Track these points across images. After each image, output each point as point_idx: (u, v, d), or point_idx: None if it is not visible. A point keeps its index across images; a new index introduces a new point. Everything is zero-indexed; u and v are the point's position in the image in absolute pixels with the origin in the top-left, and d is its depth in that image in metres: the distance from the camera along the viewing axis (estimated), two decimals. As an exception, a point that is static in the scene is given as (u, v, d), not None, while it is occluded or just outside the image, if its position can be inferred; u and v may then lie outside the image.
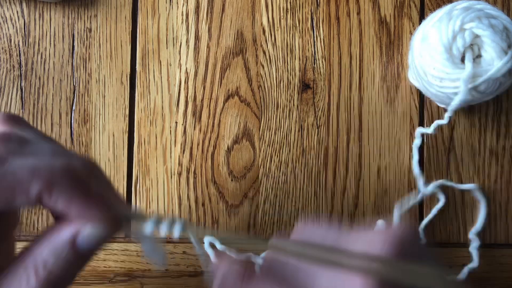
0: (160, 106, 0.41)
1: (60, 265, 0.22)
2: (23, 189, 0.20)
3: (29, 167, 0.21)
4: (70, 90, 0.41)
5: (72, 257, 0.22)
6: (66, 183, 0.21)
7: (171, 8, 0.42)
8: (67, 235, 0.22)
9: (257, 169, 0.41)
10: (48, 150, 0.23)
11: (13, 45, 0.41)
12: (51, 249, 0.22)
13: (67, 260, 0.22)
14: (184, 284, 0.39)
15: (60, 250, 0.22)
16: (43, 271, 0.22)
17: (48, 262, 0.22)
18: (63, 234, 0.22)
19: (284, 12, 0.42)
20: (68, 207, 0.22)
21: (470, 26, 0.35)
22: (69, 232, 0.22)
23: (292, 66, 0.41)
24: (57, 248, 0.22)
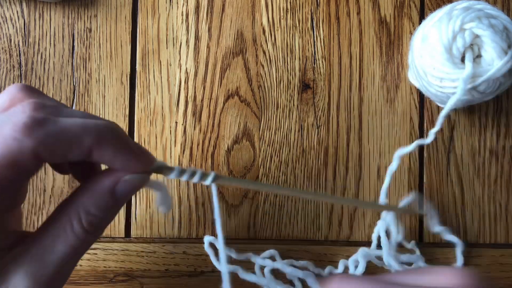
0: (160, 106, 0.41)
1: (101, 212, 0.25)
2: (77, 143, 0.23)
3: (79, 124, 0.23)
4: (70, 90, 0.41)
5: (111, 203, 0.25)
6: (112, 138, 0.24)
7: (171, 8, 0.42)
8: (108, 184, 0.25)
9: (257, 169, 0.41)
10: (82, 113, 0.25)
11: (13, 45, 0.41)
12: (93, 198, 0.25)
13: (107, 206, 0.25)
14: (184, 284, 0.39)
15: (101, 198, 0.25)
16: (86, 218, 0.24)
17: (90, 210, 0.25)
18: (104, 183, 0.25)
19: (284, 12, 0.42)
20: (114, 159, 0.24)
21: (470, 26, 0.35)
22: (110, 181, 0.25)
23: (292, 66, 0.41)
24: (99, 196, 0.25)
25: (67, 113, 0.24)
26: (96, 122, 0.24)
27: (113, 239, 0.40)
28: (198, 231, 0.40)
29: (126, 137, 0.25)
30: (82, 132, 0.23)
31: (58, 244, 0.24)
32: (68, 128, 0.23)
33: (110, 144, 0.24)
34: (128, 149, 0.24)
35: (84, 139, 0.23)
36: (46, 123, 0.22)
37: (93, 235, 0.25)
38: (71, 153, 0.23)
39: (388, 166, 0.39)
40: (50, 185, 0.40)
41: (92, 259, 0.39)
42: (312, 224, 0.40)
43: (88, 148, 0.23)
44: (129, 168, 0.25)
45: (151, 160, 0.26)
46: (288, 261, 0.39)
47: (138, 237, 0.40)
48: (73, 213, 0.24)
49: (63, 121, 0.23)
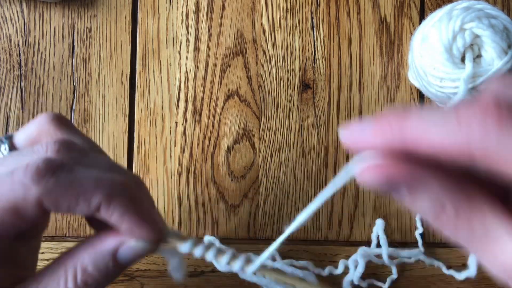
0: (160, 106, 0.41)
1: (99, 272, 0.23)
2: (86, 198, 0.21)
3: (93, 178, 0.22)
4: (70, 90, 0.41)
5: (111, 267, 0.23)
6: (123, 199, 0.22)
7: (171, 8, 0.42)
8: (111, 245, 0.23)
9: (257, 169, 0.41)
10: (104, 163, 0.24)
11: (13, 45, 0.41)
12: (93, 257, 0.23)
13: (106, 269, 0.23)
14: (183, 284, 0.39)
15: (101, 259, 0.23)
16: (82, 276, 0.23)
17: (88, 268, 0.23)
18: (106, 244, 0.23)
19: (284, 12, 0.42)
20: (121, 221, 0.22)
21: (470, 26, 0.35)
22: (113, 243, 0.23)
23: (292, 66, 0.41)
24: (99, 256, 0.23)
25: (90, 160, 0.23)
26: (113, 178, 0.22)
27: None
28: (198, 231, 0.40)
29: (140, 200, 0.23)
30: (93, 188, 0.22)
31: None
32: (79, 181, 0.21)
33: (119, 205, 0.22)
34: (137, 214, 0.23)
35: (93, 196, 0.22)
36: (59, 171, 0.21)
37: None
38: (77, 208, 0.22)
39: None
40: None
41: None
42: (312, 224, 0.40)
43: (96, 206, 0.22)
44: (134, 234, 0.23)
45: (160, 231, 0.24)
46: (288, 261, 0.39)
47: (138, 237, 0.40)
48: (69, 267, 0.23)
49: (79, 172, 0.22)
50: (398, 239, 0.40)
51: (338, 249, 0.40)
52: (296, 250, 0.40)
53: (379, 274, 0.39)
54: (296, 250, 0.40)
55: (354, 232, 0.40)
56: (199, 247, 0.24)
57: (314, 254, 0.40)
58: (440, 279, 0.40)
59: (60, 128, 0.25)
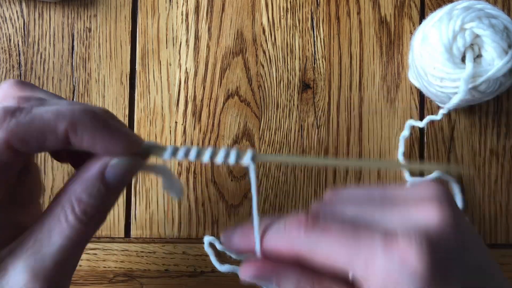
0: (160, 106, 0.41)
1: (94, 199, 0.24)
2: (50, 129, 0.22)
3: (53, 111, 0.23)
4: (69, 90, 0.41)
5: (103, 190, 0.24)
6: (88, 121, 0.23)
7: (171, 7, 0.42)
8: (96, 169, 0.24)
9: (257, 169, 0.41)
10: (66, 102, 0.25)
11: (12, 45, 0.41)
12: (83, 185, 0.24)
13: (99, 193, 0.24)
14: (184, 284, 0.39)
15: (91, 185, 0.24)
16: (79, 207, 0.24)
17: (82, 198, 0.24)
18: (92, 169, 0.24)
19: (284, 11, 0.42)
20: (93, 143, 0.23)
21: (470, 26, 0.35)
22: (97, 167, 0.24)
23: (292, 66, 0.41)
24: (89, 183, 0.24)
25: (51, 103, 0.24)
26: (73, 107, 0.23)
27: (113, 239, 0.40)
28: (198, 231, 0.40)
29: (106, 120, 0.24)
30: (54, 119, 0.22)
31: (54, 236, 0.23)
32: (40, 115, 0.22)
33: (86, 128, 0.23)
34: (106, 132, 0.23)
35: (57, 125, 0.22)
36: (18, 113, 0.22)
37: (89, 225, 0.24)
38: (45, 141, 0.22)
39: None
40: (50, 185, 0.40)
41: (91, 259, 0.39)
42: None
43: (63, 134, 0.22)
44: (111, 152, 0.24)
45: (135, 142, 0.25)
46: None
47: (138, 237, 0.40)
48: (66, 203, 0.24)
49: (37, 110, 0.22)
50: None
51: (338, 249, 0.40)
52: (296, 250, 0.40)
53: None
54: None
55: (354, 232, 0.40)
56: (181, 150, 0.25)
57: (314, 254, 0.40)
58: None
59: (23, 89, 0.26)
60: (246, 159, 0.26)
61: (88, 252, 0.39)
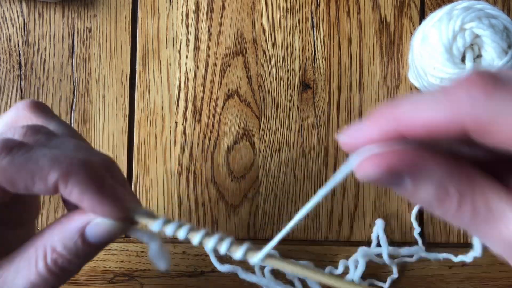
0: (160, 106, 0.41)
1: (68, 252, 0.23)
2: (41, 176, 0.21)
3: (50, 156, 0.21)
4: (70, 90, 0.41)
5: (80, 246, 0.23)
6: (81, 176, 0.22)
7: (171, 8, 0.42)
8: (77, 224, 0.23)
9: (257, 169, 0.41)
10: (72, 145, 0.24)
11: (12, 45, 0.41)
12: (61, 236, 0.23)
13: (76, 247, 0.23)
14: (183, 284, 0.39)
15: (69, 238, 0.23)
16: (51, 255, 0.23)
17: (57, 248, 0.23)
18: (73, 222, 0.23)
19: (284, 12, 0.42)
20: (81, 199, 0.22)
21: (470, 26, 0.35)
22: (80, 222, 0.23)
23: (292, 66, 0.41)
24: (66, 235, 0.23)
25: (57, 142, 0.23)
26: (71, 156, 0.22)
27: (113, 239, 0.40)
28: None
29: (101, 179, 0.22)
30: (48, 166, 0.21)
31: (19, 278, 0.22)
32: (35, 159, 0.21)
33: (77, 184, 0.21)
34: (98, 191, 0.22)
35: (49, 174, 0.21)
36: (15, 150, 0.21)
37: (58, 276, 0.23)
38: (34, 187, 0.21)
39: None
40: (50, 185, 0.40)
41: (91, 259, 0.39)
42: (312, 224, 0.40)
43: (53, 184, 0.21)
44: (96, 212, 0.22)
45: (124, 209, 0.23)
46: (288, 261, 0.39)
47: (138, 237, 0.40)
48: (39, 247, 0.23)
49: (37, 151, 0.21)
50: (398, 239, 0.40)
51: (338, 249, 0.40)
52: (296, 250, 0.40)
53: (379, 274, 0.39)
54: (296, 250, 0.40)
55: (354, 232, 0.40)
56: (171, 225, 0.24)
57: (314, 254, 0.40)
58: (440, 279, 0.40)
59: (36, 114, 0.25)
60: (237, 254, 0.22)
61: (88, 252, 0.39)
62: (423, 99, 0.17)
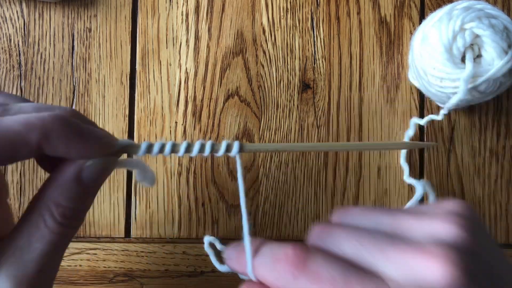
0: (160, 106, 0.41)
1: (71, 201, 0.24)
2: (22, 141, 0.21)
3: (22, 121, 0.22)
4: (70, 90, 0.41)
5: (80, 192, 0.24)
6: (61, 129, 0.22)
7: (171, 8, 0.42)
8: (71, 172, 0.24)
9: (257, 169, 0.41)
10: (31, 107, 0.24)
11: (12, 45, 0.41)
12: (60, 189, 0.23)
13: (77, 195, 0.24)
14: (184, 284, 0.39)
15: (68, 188, 0.23)
16: (57, 211, 0.23)
17: (60, 201, 0.23)
18: (67, 172, 0.24)
19: (284, 12, 0.42)
20: (68, 149, 0.23)
21: (470, 26, 0.35)
22: (73, 169, 0.24)
23: (292, 66, 0.41)
24: (65, 186, 0.24)
25: (14, 110, 0.23)
26: (42, 115, 0.22)
27: (113, 239, 0.40)
28: (198, 231, 0.40)
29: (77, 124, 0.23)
30: (25, 130, 0.21)
31: (34, 242, 0.23)
32: (8, 127, 0.21)
33: (59, 137, 0.22)
34: (80, 138, 0.23)
35: (29, 137, 0.21)
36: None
37: (69, 226, 0.24)
38: (17, 154, 0.22)
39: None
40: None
41: (92, 259, 0.39)
42: (312, 224, 0.40)
43: (36, 145, 0.22)
44: (87, 156, 0.24)
45: (109, 143, 0.25)
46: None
47: (138, 237, 0.40)
48: (43, 208, 0.23)
49: (5, 120, 0.22)
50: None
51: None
52: (296, 250, 0.40)
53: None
54: (296, 250, 0.40)
55: (354, 232, 0.40)
56: (155, 146, 0.25)
57: (314, 254, 0.40)
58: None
59: None
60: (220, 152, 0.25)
61: (88, 252, 0.39)
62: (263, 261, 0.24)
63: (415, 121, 0.40)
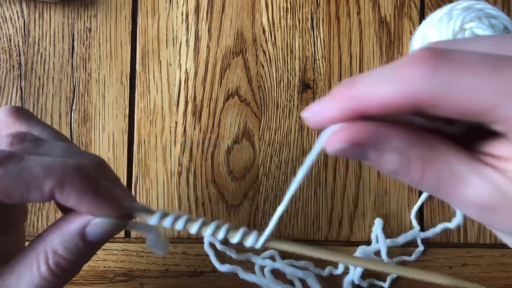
0: (160, 106, 0.41)
1: (70, 253, 0.23)
2: (37, 185, 0.21)
3: (43, 165, 0.22)
4: (70, 90, 0.41)
5: (81, 247, 0.23)
6: (77, 182, 0.22)
7: (171, 8, 0.42)
8: (77, 225, 0.23)
9: (257, 169, 0.41)
10: (61, 149, 0.24)
11: (13, 45, 0.41)
12: (61, 239, 0.23)
13: (77, 249, 0.23)
14: (183, 284, 0.39)
15: (70, 240, 0.23)
16: (53, 258, 0.23)
17: (58, 250, 0.23)
18: (73, 224, 0.23)
19: (284, 12, 0.42)
20: (79, 204, 0.22)
21: (470, 26, 0.35)
22: (79, 223, 0.23)
23: (292, 66, 0.41)
24: (67, 237, 0.23)
25: (45, 148, 0.23)
26: (64, 162, 0.22)
27: (113, 239, 0.40)
28: (198, 231, 0.40)
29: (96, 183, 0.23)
30: (43, 175, 0.21)
31: (22, 283, 0.23)
32: (29, 169, 0.21)
33: (73, 190, 0.22)
34: (94, 194, 0.22)
35: (44, 183, 0.21)
36: (7, 162, 0.21)
37: (60, 278, 0.23)
38: (29, 197, 0.21)
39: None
40: (50, 185, 0.40)
41: (92, 259, 0.39)
42: (312, 224, 0.40)
43: (49, 192, 0.21)
44: (96, 215, 0.23)
45: (122, 208, 0.24)
46: (288, 261, 0.39)
47: (138, 237, 0.40)
48: (40, 252, 0.23)
49: (29, 160, 0.22)
50: (398, 239, 0.40)
51: (338, 249, 0.40)
52: (296, 250, 0.40)
53: (379, 274, 0.39)
54: (296, 250, 0.40)
55: (354, 232, 0.40)
56: (168, 218, 0.24)
57: (314, 254, 0.40)
58: (440, 279, 0.40)
59: (18, 120, 0.25)
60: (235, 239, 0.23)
61: (88, 252, 0.39)
62: (377, 77, 0.18)
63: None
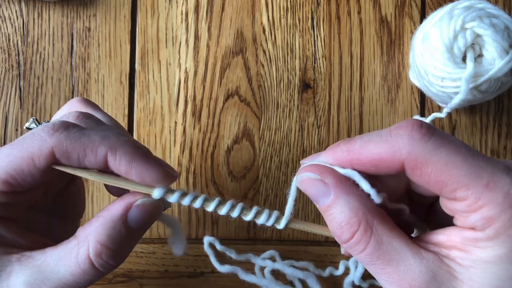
0: (160, 105, 0.41)
1: (113, 242, 0.24)
2: (93, 148, 0.24)
3: (100, 134, 0.24)
4: (69, 89, 0.41)
5: (123, 234, 0.24)
6: (127, 147, 0.24)
7: (170, 7, 0.41)
8: (119, 211, 0.25)
9: (257, 169, 0.40)
10: (117, 131, 0.26)
11: (11, 45, 0.41)
12: (105, 225, 0.24)
13: (120, 236, 0.24)
14: (183, 284, 0.39)
15: (113, 226, 0.24)
16: (93, 246, 0.24)
17: (102, 239, 0.24)
18: (114, 211, 0.25)
19: (284, 11, 0.42)
20: (130, 167, 0.24)
21: (471, 25, 0.35)
22: (120, 208, 0.25)
23: (293, 66, 0.41)
24: (110, 224, 0.24)
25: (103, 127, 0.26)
26: (118, 133, 0.25)
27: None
28: (197, 232, 0.40)
29: (146, 151, 0.25)
30: (99, 140, 0.24)
31: (60, 266, 0.24)
32: (87, 135, 0.24)
33: (125, 154, 0.24)
34: (144, 159, 0.24)
35: (99, 147, 0.24)
36: (71, 128, 0.24)
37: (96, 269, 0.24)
38: (85, 159, 0.24)
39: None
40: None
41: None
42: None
43: (103, 156, 0.24)
44: (145, 178, 0.25)
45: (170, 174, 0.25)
46: (288, 262, 0.39)
47: (138, 237, 0.40)
48: (82, 240, 0.24)
49: (88, 130, 0.24)
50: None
51: (338, 250, 0.40)
52: (297, 250, 0.40)
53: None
54: (297, 251, 0.40)
55: (355, 232, 0.40)
56: (188, 197, 0.26)
57: (314, 255, 0.39)
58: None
59: (87, 106, 0.29)
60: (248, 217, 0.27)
61: (87, 252, 0.39)
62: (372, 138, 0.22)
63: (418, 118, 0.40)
